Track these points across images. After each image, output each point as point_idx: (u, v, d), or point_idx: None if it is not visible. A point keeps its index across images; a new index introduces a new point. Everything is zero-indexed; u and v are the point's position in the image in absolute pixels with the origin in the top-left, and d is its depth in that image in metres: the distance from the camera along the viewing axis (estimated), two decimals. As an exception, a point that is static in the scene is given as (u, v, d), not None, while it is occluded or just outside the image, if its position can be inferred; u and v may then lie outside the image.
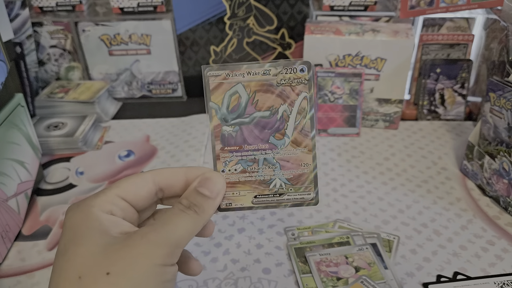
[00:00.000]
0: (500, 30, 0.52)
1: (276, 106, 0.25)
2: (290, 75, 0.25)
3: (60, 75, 0.64)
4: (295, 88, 0.25)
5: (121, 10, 0.59)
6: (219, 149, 0.25)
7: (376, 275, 0.34)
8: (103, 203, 0.23)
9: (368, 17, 0.57)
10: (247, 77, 0.25)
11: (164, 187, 0.26)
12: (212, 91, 0.25)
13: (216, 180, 0.25)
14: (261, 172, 0.26)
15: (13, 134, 0.41)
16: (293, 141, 0.25)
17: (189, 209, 0.23)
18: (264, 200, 0.26)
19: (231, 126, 0.25)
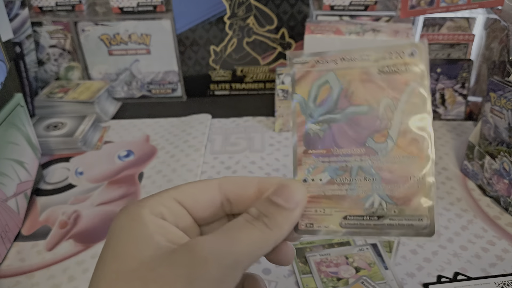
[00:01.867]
0: (501, 30, 0.52)
1: (377, 100, 0.19)
2: (396, 61, 0.19)
3: (59, 75, 0.63)
4: (403, 76, 0.19)
5: (120, 10, 0.59)
6: (302, 152, 0.20)
7: (376, 276, 0.34)
8: (155, 204, 0.19)
9: (368, 16, 0.57)
10: (341, 63, 0.19)
11: (233, 198, 0.20)
12: (298, 81, 0.20)
13: (295, 189, 0.19)
14: (355, 185, 0.19)
15: (12, 134, 0.41)
16: (399, 145, 0.19)
17: (257, 220, 0.18)
18: (357, 223, 0.19)
19: (318, 123, 0.20)
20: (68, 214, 0.42)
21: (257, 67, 0.64)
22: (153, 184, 0.46)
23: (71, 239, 0.40)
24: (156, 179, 0.47)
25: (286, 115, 0.55)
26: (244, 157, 0.50)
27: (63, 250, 0.38)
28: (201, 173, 0.48)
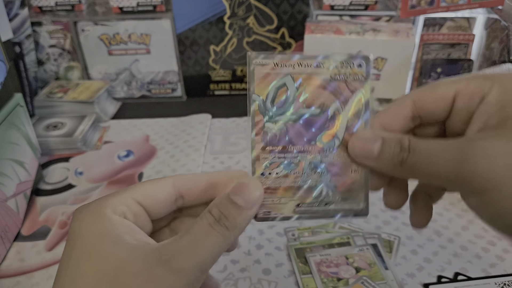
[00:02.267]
0: (501, 30, 0.52)
1: (328, 104, 0.22)
2: (346, 70, 0.22)
3: (59, 75, 0.63)
4: (350, 84, 0.22)
5: (120, 10, 0.59)
6: (260, 148, 0.22)
7: (376, 276, 0.34)
8: (117, 204, 0.20)
9: (368, 16, 0.57)
10: (297, 69, 0.22)
11: (184, 192, 0.23)
12: (257, 82, 0.21)
13: (253, 188, 0.21)
14: (306, 177, 0.22)
15: (12, 134, 0.41)
16: (344, 144, 0.22)
17: (218, 225, 0.20)
18: (308, 209, 0.22)
19: (275, 122, 0.22)
20: (68, 214, 0.42)
21: (257, 67, 0.64)
22: (153, 184, 0.46)
23: (71, 239, 0.40)
24: (156, 179, 0.47)
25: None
26: (244, 157, 0.50)
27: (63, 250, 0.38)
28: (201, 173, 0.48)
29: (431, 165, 0.19)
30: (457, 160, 0.18)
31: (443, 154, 0.19)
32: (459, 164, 0.18)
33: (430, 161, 0.19)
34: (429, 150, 0.19)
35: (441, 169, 0.19)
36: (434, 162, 0.19)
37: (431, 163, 0.19)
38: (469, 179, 0.18)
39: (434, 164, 0.19)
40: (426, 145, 0.20)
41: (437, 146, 0.19)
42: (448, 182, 0.19)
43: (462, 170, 0.18)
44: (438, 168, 0.19)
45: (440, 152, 0.19)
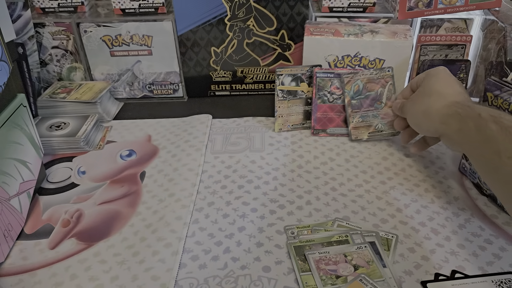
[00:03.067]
0: (498, 31, 0.53)
1: (377, 89, 0.52)
2: (383, 73, 0.52)
3: (62, 75, 0.64)
4: (385, 80, 0.52)
5: (122, 11, 0.60)
6: (350, 111, 0.52)
7: (374, 273, 0.35)
8: None
9: (367, 18, 0.58)
10: (362, 77, 0.52)
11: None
12: (346, 84, 0.52)
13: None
14: (371, 121, 0.52)
15: (15, 134, 0.41)
16: (386, 104, 0.52)
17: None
18: (373, 134, 0.52)
19: (355, 100, 0.52)
20: (71, 213, 0.43)
21: (257, 68, 0.64)
22: (155, 183, 0.47)
23: (74, 237, 0.40)
24: (158, 178, 0.48)
25: (285, 115, 0.55)
26: (244, 157, 0.51)
27: (65, 248, 0.39)
28: (202, 172, 0.48)
29: (404, 110, 0.48)
30: (405, 103, 0.48)
31: (405, 106, 0.48)
32: (404, 103, 0.48)
33: (405, 109, 0.48)
34: (404, 104, 0.48)
35: (403, 108, 0.48)
36: (404, 110, 0.48)
37: (405, 110, 0.47)
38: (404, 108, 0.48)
39: (404, 111, 0.48)
40: (406, 102, 0.48)
41: (406, 102, 0.48)
42: (402, 112, 0.49)
43: (403, 104, 0.48)
44: (404, 107, 0.48)
45: (406, 105, 0.47)
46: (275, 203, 0.43)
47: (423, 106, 0.43)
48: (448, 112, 0.39)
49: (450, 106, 0.40)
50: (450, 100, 0.40)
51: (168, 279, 0.35)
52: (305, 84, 0.54)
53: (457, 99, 0.40)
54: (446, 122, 0.39)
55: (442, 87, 0.42)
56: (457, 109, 0.39)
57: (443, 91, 0.42)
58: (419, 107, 0.43)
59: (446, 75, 0.44)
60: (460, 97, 0.41)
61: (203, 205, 0.43)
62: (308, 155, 0.51)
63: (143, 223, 0.41)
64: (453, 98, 0.41)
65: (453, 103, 0.40)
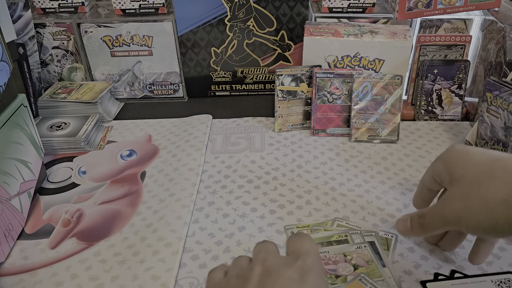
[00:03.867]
0: (497, 31, 0.53)
1: (384, 94, 0.52)
2: (392, 80, 0.52)
3: (62, 76, 0.64)
4: (393, 87, 0.52)
5: (123, 12, 0.60)
6: (354, 112, 0.53)
7: (374, 273, 0.35)
8: None
9: (366, 19, 0.58)
10: (372, 80, 0.52)
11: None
12: (355, 84, 0.52)
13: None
14: (373, 124, 0.53)
15: (16, 134, 0.42)
16: (389, 110, 0.53)
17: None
18: (373, 137, 0.53)
19: (362, 101, 0.53)
20: (71, 213, 0.43)
21: (257, 68, 0.64)
22: (155, 183, 0.47)
23: (74, 237, 0.40)
24: (158, 178, 0.48)
25: (285, 115, 0.56)
26: (244, 157, 0.51)
27: (66, 248, 0.39)
28: (202, 172, 0.48)
29: (432, 219, 0.31)
30: (439, 209, 0.31)
31: (433, 209, 0.32)
32: (441, 211, 0.31)
33: (431, 216, 0.32)
34: (428, 211, 0.32)
35: (437, 218, 0.31)
36: (433, 216, 0.31)
37: (432, 218, 0.31)
38: (446, 217, 0.30)
39: (433, 218, 0.31)
40: (426, 209, 0.33)
41: (429, 208, 0.32)
42: (445, 223, 0.30)
43: (443, 213, 0.31)
44: (435, 218, 0.31)
45: (433, 209, 0.32)
46: (275, 203, 0.44)
47: (488, 195, 0.27)
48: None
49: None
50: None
51: (168, 279, 0.35)
52: (305, 84, 0.55)
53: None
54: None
55: (492, 165, 0.28)
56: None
57: (498, 168, 0.28)
58: (478, 200, 0.27)
59: (471, 151, 0.31)
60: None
61: (203, 205, 0.44)
62: (307, 155, 0.51)
63: (143, 222, 0.41)
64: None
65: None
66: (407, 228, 0.34)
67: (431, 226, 0.31)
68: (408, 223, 0.33)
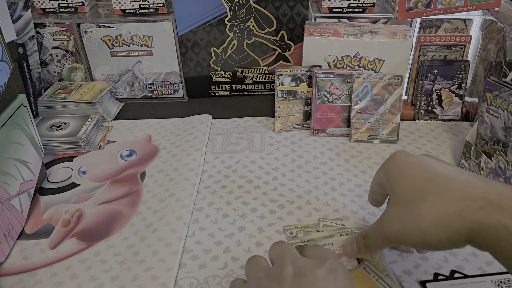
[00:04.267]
0: (497, 32, 0.53)
1: (384, 94, 0.52)
2: (392, 81, 0.52)
3: (62, 76, 0.64)
4: (393, 87, 0.52)
5: (123, 12, 0.60)
6: (354, 112, 0.53)
7: (378, 266, 0.35)
8: None
9: (366, 19, 0.58)
10: (372, 80, 0.52)
11: None
12: (355, 84, 0.52)
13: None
14: (373, 124, 0.53)
15: (16, 134, 0.42)
16: (389, 110, 0.53)
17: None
18: (373, 137, 0.53)
19: (362, 101, 0.53)
20: (71, 213, 0.43)
21: (257, 68, 0.64)
22: (155, 183, 0.47)
23: (74, 237, 0.40)
24: (158, 178, 0.48)
25: (285, 115, 0.56)
26: (244, 157, 0.51)
27: (66, 248, 0.39)
28: (202, 172, 0.48)
29: (375, 239, 0.31)
30: (379, 230, 0.31)
31: (374, 229, 0.32)
32: (381, 231, 0.31)
33: (373, 237, 0.32)
34: (370, 231, 0.32)
35: (379, 238, 0.31)
36: (375, 236, 0.31)
37: (374, 238, 0.31)
38: (387, 236, 0.30)
39: (376, 238, 0.31)
40: (368, 229, 0.32)
41: (370, 228, 0.32)
42: (387, 242, 0.30)
43: (383, 233, 0.30)
44: (378, 239, 0.31)
45: (374, 229, 0.32)
46: (275, 203, 0.44)
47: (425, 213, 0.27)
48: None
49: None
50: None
51: (168, 279, 0.35)
52: (305, 84, 0.55)
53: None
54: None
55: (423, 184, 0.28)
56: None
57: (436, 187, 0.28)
58: (412, 222, 0.28)
59: (412, 161, 0.30)
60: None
61: (203, 205, 0.44)
62: (307, 155, 0.51)
63: (143, 222, 0.41)
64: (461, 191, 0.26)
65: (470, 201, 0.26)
66: (355, 251, 0.33)
67: (376, 246, 0.32)
68: (354, 245, 0.33)
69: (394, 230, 0.29)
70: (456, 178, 0.28)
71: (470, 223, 0.25)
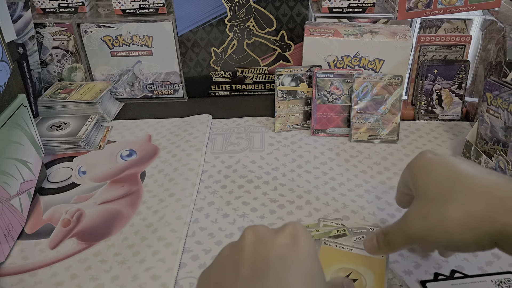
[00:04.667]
0: (497, 31, 0.53)
1: (384, 94, 0.52)
2: (392, 81, 0.52)
3: (62, 76, 0.64)
4: (393, 87, 0.52)
5: (123, 12, 0.60)
6: (354, 112, 0.53)
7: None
8: None
9: (366, 19, 0.58)
10: (373, 79, 0.52)
11: None
12: (355, 84, 0.52)
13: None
14: (373, 124, 0.53)
15: (16, 134, 0.42)
16: (389, 110, 0.52)
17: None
18: (373, 137, 0.53)
19: (362, 101, 0.53)
20: (71, 213, 0.43)
21: (257, 68, 0.64)
22: (155, 183, 0.47)
23: (74, 237, 0.40)
24: (158, 178, 0.48)
25: (285, 115, 0.56)
26: (244, 157, 0.51)
27: (66, 248, 0.39)
28: (202, 172, 0.48)
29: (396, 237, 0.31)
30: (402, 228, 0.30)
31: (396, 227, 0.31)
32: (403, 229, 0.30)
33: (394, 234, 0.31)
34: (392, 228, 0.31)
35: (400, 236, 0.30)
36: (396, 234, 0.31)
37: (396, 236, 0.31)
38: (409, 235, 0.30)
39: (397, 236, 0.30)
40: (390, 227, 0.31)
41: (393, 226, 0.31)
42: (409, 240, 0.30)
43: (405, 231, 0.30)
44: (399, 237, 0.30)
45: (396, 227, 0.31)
46: (275, 203, 0.44)
47: (456, 211, 0.26)
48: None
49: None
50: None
51: (168, 279, 0.35)
52: (305, 84, 0.55)
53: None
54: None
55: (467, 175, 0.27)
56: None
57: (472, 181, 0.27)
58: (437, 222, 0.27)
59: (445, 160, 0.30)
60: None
61: (203, 205, 0.44)
62: (307, 155, 0.51)
63: (143, 222, 0.41)
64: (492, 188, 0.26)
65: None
66: (375, 247, 0.32)
67: (396, 244, 0.31)
68: (374, 242, 0.32)
69: (417, 228, 0.28)
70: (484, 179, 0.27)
71: (498, 226, 0.25)
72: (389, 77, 0.52)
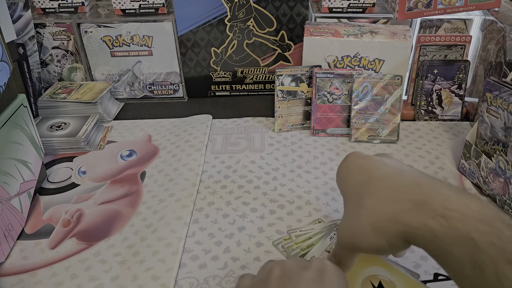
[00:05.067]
0: (497, 32, 0.53)
1: (384, 94, 0.52)
2: (392, 81, 0.52)
3: (62, 76, 0.64)
4: (393, 87, 0.52)
5: (123, 12, 0.60)
6: (354, 112, 0.53)
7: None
8: None
9: (366, 19, 0.58)
10: (372, 80, 0.52)
11: None
12: (355, 84, 0.52)
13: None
14: (373, 124, 0.53)
15: (16, 134, 0.42)
16: (389, 110, 0.53)
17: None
18: (373, 137, 0.53)
19: (362, 101, 0.53)
20: (71, 213, 0.43)
21: (257, 69, 0.64)
22: (155, 183, 0.47)
23: (74, 237, 0.40)
24: (158, 178, 0.48)
25: (285, 115, 0.56)
26: (244, 157, 0.51)
27: (66, 248, 0.39)
28: (202, 172, 0.48)
29: (342, 256, 0.30)
30: (337, 239, 0.30)
31: (336, 242, 0.30)
32: (338, 240, 0.30)
33: (340, 254, 0.30)
34: (337, 249, 0.30)
35: (344, 252, 0.30)
36: (341, 252, 0.30)
37: (339, 250, 0.30)
38: (347, 246, 0.29)
39: (342, 253, 0.30)
40: (335, 248, 0.31)
41: (336, 244, 0.31)
42: (352, 251, 0.29)
43: (343, 244, 0.30)
44: (343, 253, 0.30)
45: (337, 246, 0.30)
46: (275, 203, 0.44)
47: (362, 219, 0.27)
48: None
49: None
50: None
51: (168, 279, 0.35)
52: (305, 84, 0.55)
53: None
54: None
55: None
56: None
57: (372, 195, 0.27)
58: (357, 228, 0.27)
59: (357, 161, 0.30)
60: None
61: (203, 205, 0.44)
62: (307, 155, 0.51)
63: (143, 223, 0.41)
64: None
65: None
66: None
67: (343, 258, 0.29)
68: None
69: (347, 239, 0.28)
70: (389, 181, 0.27)
71: (401, 226, 0.25)
72: (389, 77, 0.52)
